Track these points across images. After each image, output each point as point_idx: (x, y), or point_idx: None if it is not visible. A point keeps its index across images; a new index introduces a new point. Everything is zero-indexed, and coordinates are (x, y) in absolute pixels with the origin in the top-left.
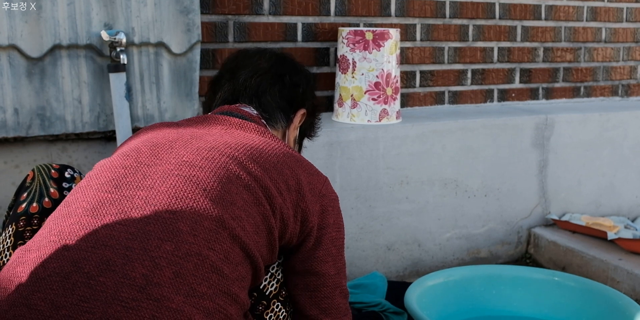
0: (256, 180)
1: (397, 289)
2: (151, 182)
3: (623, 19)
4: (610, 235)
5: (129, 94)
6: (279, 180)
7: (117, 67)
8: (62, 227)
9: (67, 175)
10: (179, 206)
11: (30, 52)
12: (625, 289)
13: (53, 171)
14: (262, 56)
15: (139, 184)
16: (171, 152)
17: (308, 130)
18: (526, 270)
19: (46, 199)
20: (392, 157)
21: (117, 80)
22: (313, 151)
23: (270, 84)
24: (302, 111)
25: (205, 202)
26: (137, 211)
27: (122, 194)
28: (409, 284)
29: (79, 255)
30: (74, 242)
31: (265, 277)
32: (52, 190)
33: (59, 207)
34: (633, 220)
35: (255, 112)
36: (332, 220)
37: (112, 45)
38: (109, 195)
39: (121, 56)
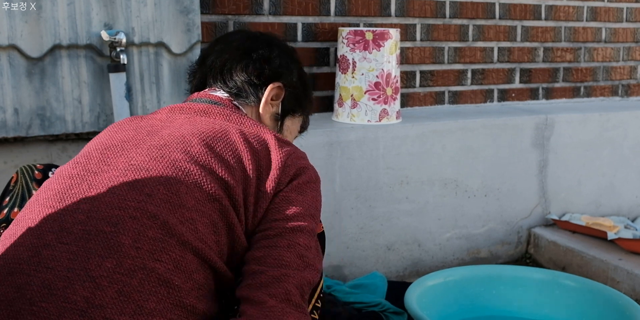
0: (211, 173)
1: (397, 289)
2: (95, 193)
3: (623, 19)
4: (610, 235)
5: (129, 94)
6: (237, 168)
7: (117, 67)
8: (8, 249)
9: (51, 175)
10: (120, 217)
11: (30, 52)
12: (625, 289)
13: (37, 172)
14: (235, 35)
15: (84, 196)
16: (121, 155)
17: (290, 105)
18: (526, 270)
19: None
20: (392, 157)
21: (117, 80)
22: (313, 151)
23: (236, 61)
24: (275, 84)
25: (149, 209)
26: (79, 227)
27: (66, 208)
28: (409, 284)
29: (22, 279)
30: (17, 265)
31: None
32: (34, 192)
33: (10, 226)
34: (633, 220)
35: (225, 94)
36: (294, 183)
37: (112, 45)
38: (53, 211)
39: (121, 56)
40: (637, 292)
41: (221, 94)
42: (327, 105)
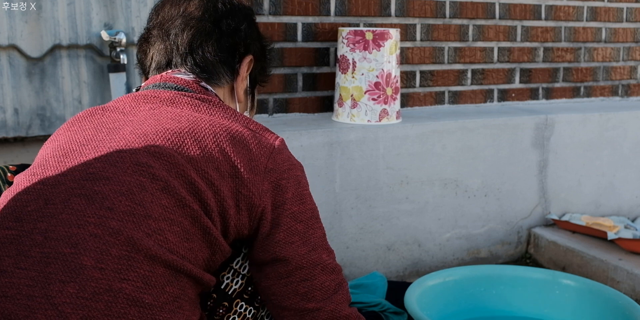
0: (178, 176)
1: (397, 289)
2: (52, 209)
3: (623, 19)
4: (610, 235)
5: None
6: (208, 169)
7: (117, 67)
8: None
9: None
10: (80, 236)
11: (30, 52)
12: (625, 289)
13: (9, 174)
14: (192, 0)
15: (40, 213)
16: (79, 162)
17: (259, 75)
18: (526, 270)
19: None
20: (392, 157)
21: (117, 80)
22: (313, 151)
23: (205, 36)
24: (248, 58)
25: (111, 225)
26: (37, 249)
27: (22, 228)
28: (409, 284)
29: None
30: None
31: (227, 275)
32: None
33: None
34: (633, 220)
35: (191, 76)
36: (289, 195)
37: (112, 45)
38: (9, 232)
39: (121, 56)
40: (637, 292)
41: (187, 76)
42: (327, 105)
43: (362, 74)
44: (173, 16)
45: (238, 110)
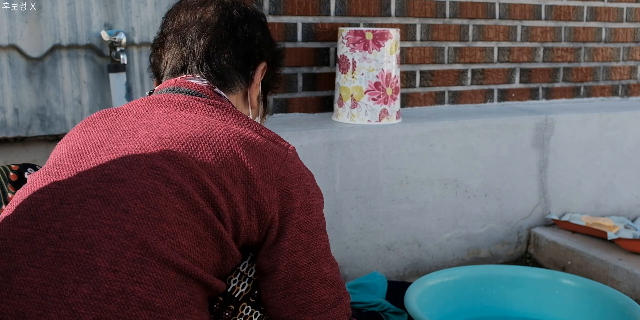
0: (192, 181)
1: (397, 289)
2: (67, 209)
3: (623, 19)
4: (610, 235)
5: (129, 94)
6: (221, 174)
7: (117, 67)
8: None
9: (27, 176)
10: (95, 238)
11: (30, 52)
12: (625, 289)
13: (12, 174)
14: (207, 6)
15: (56, 213)
16: (94, 163)
17: (271, 82)
18: (526, 270)
19: (4, 207)
20: (392, 157)
21: (117, 80)
22: (313, 151)
23: (221, 42)
24: (262, 65)
25: (126, 228)
26: (52, 249)
27: (37, 227)
28: (409, 284)
29: None
30: None
31: (234, 278)
32: (10, 195)
33: None
34: (633, 220)
35: (205, 82)
36: (298, 204)
37: (112, 45)
38: (24, 231)
39: (121, 56)
40: (637, 292)
41: (201, 81)
42: (327, 105)
43: (362, 74)
44: (189, 22)
45: (250, 116)
